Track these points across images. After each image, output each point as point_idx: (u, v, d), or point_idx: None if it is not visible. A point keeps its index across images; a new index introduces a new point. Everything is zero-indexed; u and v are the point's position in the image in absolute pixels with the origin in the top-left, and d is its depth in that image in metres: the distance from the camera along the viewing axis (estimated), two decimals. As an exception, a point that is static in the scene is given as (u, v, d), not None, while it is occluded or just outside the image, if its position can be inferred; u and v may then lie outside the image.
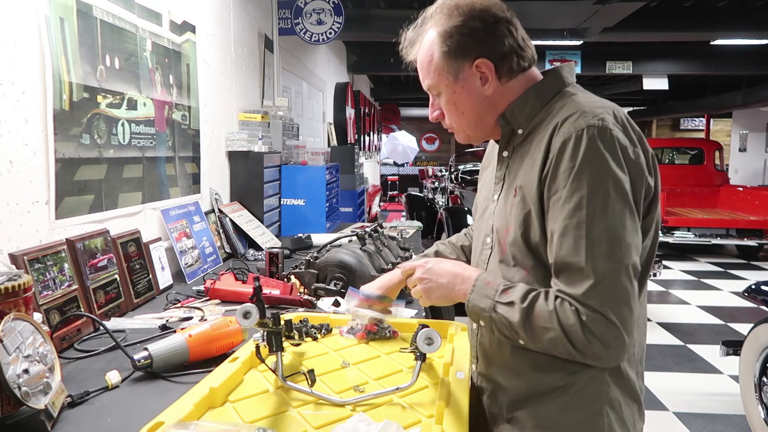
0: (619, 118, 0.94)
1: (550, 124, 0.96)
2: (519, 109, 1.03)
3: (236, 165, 2.93)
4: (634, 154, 0.91)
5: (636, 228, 0.89)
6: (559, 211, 0.90)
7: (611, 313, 0.84)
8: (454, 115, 1.06)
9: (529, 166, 0.98)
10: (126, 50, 1.89)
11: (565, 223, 0.88)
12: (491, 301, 0.95)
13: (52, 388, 1.01)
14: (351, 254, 1.87)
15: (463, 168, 8.11)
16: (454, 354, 1.17)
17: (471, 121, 1.06)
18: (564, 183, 0.90)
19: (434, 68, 1.04)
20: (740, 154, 12.92)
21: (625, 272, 0.86)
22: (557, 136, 0.92)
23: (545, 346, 0.91)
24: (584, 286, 0.85)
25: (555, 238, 0.90)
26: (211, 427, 0.82)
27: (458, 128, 1.09)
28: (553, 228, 0.90)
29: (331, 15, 3.86)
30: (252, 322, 1.00)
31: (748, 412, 2.77)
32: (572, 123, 0.91)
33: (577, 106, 0.95)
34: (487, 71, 1.01)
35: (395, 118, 14.41)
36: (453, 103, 1.05)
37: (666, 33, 6.03)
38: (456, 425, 0.90)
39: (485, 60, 1.00)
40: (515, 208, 0.99)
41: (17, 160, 1.43)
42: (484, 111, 1.05)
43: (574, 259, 0.87)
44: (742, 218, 7.08)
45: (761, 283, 2.99)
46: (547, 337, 0.89)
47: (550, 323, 0.88)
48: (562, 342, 0.87)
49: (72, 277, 1.49)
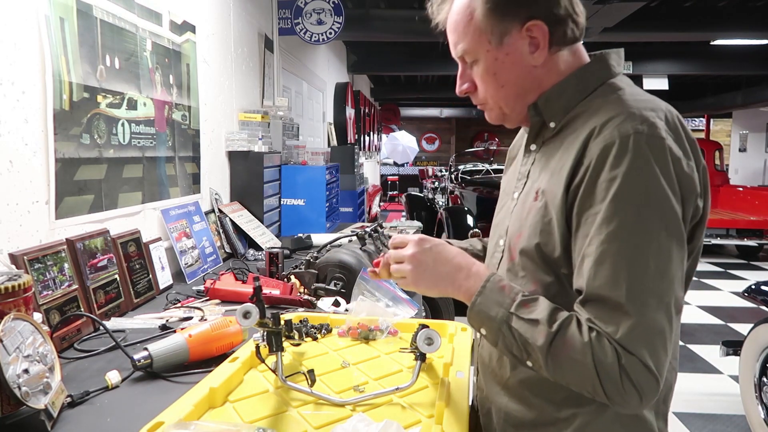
0: (672, 122, 0.81)
1: (588, 123, 0.83)
2: (555, 98, 0.89)
3: (236, 165, 2.93)
4: (688, 167, 0.78)
5: (682, 258, 0.77)
6: (595, 233, 0.76)
7: (649, 357, 0.73)
8: (492, 87, 0.90)
9: (555, 168, 0.85)
10: (126, 50, 1.89)
11: (602, 249, 0.75)
12: (505, 311, 0.82)
13: (52, 388, 1.01)
14: (351, 254, 1.87)
15: (463, 168, 8.12)
16: (454, 354, 1.17)
17: (511, 96, 0.91)
18: (602, 199, 0.76)
19: (474, 29, 0.87)
20: (740, 154, 12.92)
21: (666, 311, 0.75)
22: (596, 140, 0.79)
23: (565, 379, 0.78)
24: (623, 325, 0.73)
25: (588, 264, 0.77)
26: (211, 427, 0.82)
27: (493, 104, 0.93)
28: (587, 251, 0.77)
29: (331, 15, 3.86)
30: (252, 322, 1.00)
31: (748, 412, 2.77)
32: (616, 126, 0.78)
33: (623, 105, 0.81)
34: (539, 36, 0.85)
35: (395, 118, 14.41)
36: (492, 74, 0.89)
37: (666, 33, 6.03)
38: (456, 425, 0.90)
39: (539, 22, 0.85)
40: (533, 213, 0.87)
41: (17, 160, 1.43)
42: (528, 85, 0.89)
43: (611, 294, 0.74)
44: (742, 218, 7.08)
45: (761, 283, 2.99)
46: (574, 371, 0.76)
47: (582, 357, 0.75)
48: (590, 380, 0.75)
49: (72, 277, 1.49)
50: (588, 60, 0.90)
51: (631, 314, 0.73)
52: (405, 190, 11.16)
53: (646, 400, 0.74)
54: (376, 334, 1.30)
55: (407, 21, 5.45)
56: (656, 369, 0.73)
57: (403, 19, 5.47)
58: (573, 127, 0.86)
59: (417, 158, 16.45)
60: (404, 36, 5.79)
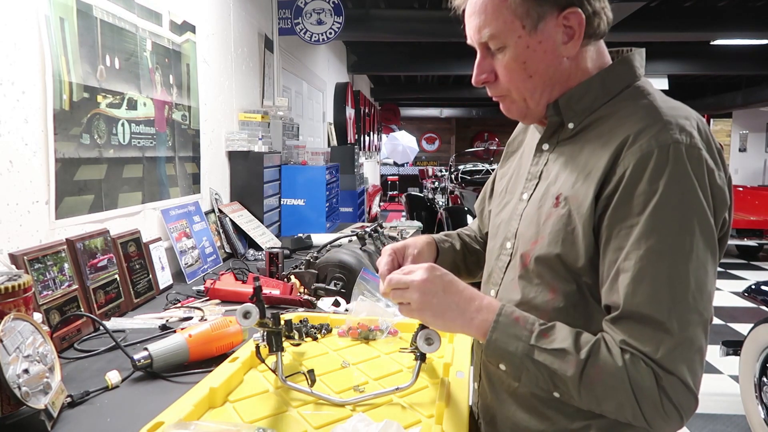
0: (704, 131, 0.78)
1: (619, 129, 0.79)
2: (577, 99, 0.85)
3: (236, 165, 2.93)
4: (720, 179, 0.76)
5: (715, 272, 0.75)
6: (632, 247, 0.73)
7: (689, 376, 0.71)
8: (519, 78, 0.85)
9: (580, 174, 0.81)
10: (126, 50, 1.89)
11: (641, 265, 0.72)
12: (524, 344, 0.77)
13: (52, 388, 1.01)
14: (351, 254, 1.87)
15: (463, 168, 8.12)
16: (454, 354, 1.17)
17: (538, 88, 0.85)
18: (640, 211, 0.73)
19: (507, 11, 0.81)
20: (740, 154, 12.92)
21: (704, 327, 0.73)
22: (632, 149, 0.75)
23: (601, 407, 0.75)
24: (664, 344, 0.71)
25: (626, 281, 0.73)
26: (211, 427, 0.82)
27: (517, 96, 0.87)
28: (623, 266, 0.74)
29: (331, 15, 3.86)
30: (252, 322, 1.00)
31: (748, 412, 2.77)
32: (654, 136, 0.74)
33: (657, 112, 0.77)
34: (575, 26, 0.81)
35: (395, 118, 14.40)
36: (522, 62, 0.83)
37: (666, 33, 6.03)
38: (456, 425, 0.90)
39: (577, 10, 0.80)
40: (554, 220, 0.83)
41: (17, 160, 1.43)
42: (556, 78, 0.85)
43: (652, 312, 0.71)
44: (742, 218, 7.07)
45: (761, 283, 2.99)
46: (611, 398, 0.73)
47: (619, 383, 0.71)
48: (629, 405, 0.72)
49: (72, 277, 1.49)
50: (609, 59, 0.88)
51: (673, 333, 0.71)
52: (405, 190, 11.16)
53: (686, 419, 0.73)
54: (376, 334, 1.30)
55: (407, 21, 5.45)
56: (694, 387, 0.72)
57: (403, 19, 5.47)
58: (598, 131, 0.82)
59: (417, 158, 16.45)
60: (404, 36, 5.79)
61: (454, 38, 5.74)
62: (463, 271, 1.15)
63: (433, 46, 7.81)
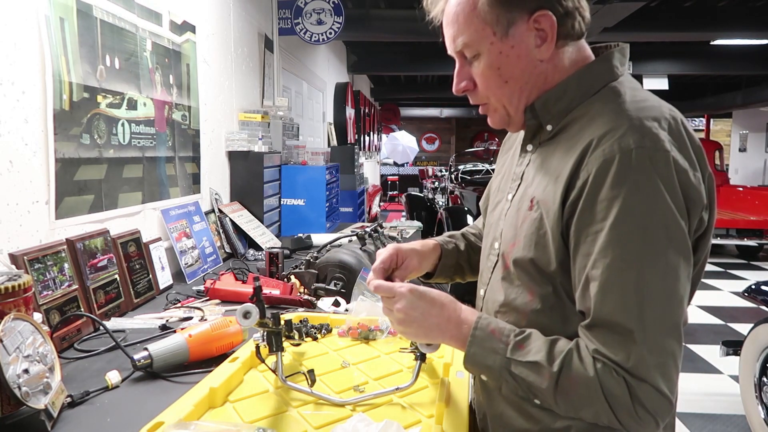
0: (676, 129, 0.76)
1: (584, 132, 0.79)
2: (553, 101, 0.84)
3: (236, 165, 2.93)
4: (695, 179, 0.74)
5: (689, 274, 0.75)
6: (599, 255, 0.73)
7: (662, 383, 0.71)
8: (495, 84, 0.85)
9: (550, 177, 0.81)
10: (126, 50, 1.89)
11: (608, 274, 0.72)
12: (501, 357, 0.78)
13: (52, 388, 1.01)
14: (351, 254, 1.87)
15: (463, 168, 8.12)
16: (454, 354, 1.17)
17: (515, 93, 0.85)
18: (603, 218, 0.72)
19: (477, 20, 0.82)
20: (740, 154, 12.92)
21: (675, 332, 0.72)
22: (594, 153, 0.75)
23: (579, 414, 0.76)
24: (634, 353, 0.71)
25: (594, 289, 0.73)
26: (211, 427, 0.82)
27: (496, 103, 0.88)
28: (591, 274, 0.74)
29: (331, 15, 3.86)
30: (252, 322, 1.00)
31: (748, 412, 2.77)
32: (617, 140, 0.73)
33: (623, 115, 0.76)
34: (547, 28, 0.81)
35: (395, 118, 14.40)
36: (496, 68, 0.83)
37: (666, 33, 6.03)
38: (456, 425, 0.90)
39: (547, 13, 0.80)
40: (528, 223, 0.83)
41: (17, 160, 1.43)
42: (532, 81, 0.84)
43: (621, 320, 0.71)
44: (742, 218, 7.07)
45: (761, 283, 2.99)
46: (586, 407, 0.74)
47: (594, 394, 0.72)
48: (604, 412, 0.73)
49: (72, 277, 1.49)
50: (592, 57, 0.87)
51: (642, 341, 0.71)
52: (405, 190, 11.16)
53: (662, 422, 0.74)
54: (376, 334, 1.30)
55: (407, 21, 5.44)
56: (669, 391, 0.72)
57: (403, 19, 5.47)
58: (569, 133, 0.82)
59: (417, 158, 16.45)
60: (404, 36, 5.79)
61: (454, 38, 5.75)
62: (468, 271, 1.15)
63: (433, 46, 7.79)
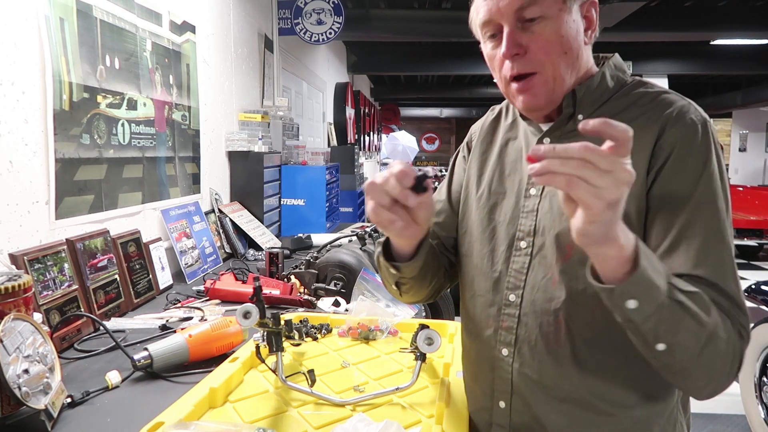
0: None
1: (652, 111, 0.80)
2: (591, 91, 0.85)
3: (236, 165, 2.93)
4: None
5: None
6: (693, 213, 0.74)
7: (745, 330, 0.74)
8: (555, 51, 0.81)
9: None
10: (126, 50, 1.89)
11: (705, 235, 0.73)
12: (665, 283, 0.67)
13: (52, 388, 1.01)
14: (351, 254, 1.87)
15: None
16: (454, 354, 1.17)
17: (569, 66, 0.82)
18: (694, 181, 0.75)
19: None
20: (740, 154, 12.92)
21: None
22: (674, 126, 0.78)
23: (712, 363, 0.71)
24: (737, 312, 0.73)
25: (689, 248, 0.73)
26: (211, 427, 0.82)
27: (550, 71, 0.82)
28: (688, 233, 0.73)
29: (331, 15, 3.86)
30: (252, 322, 1.00)
31: (748, 412, 2.77)
32: (693, 114, 0.79)
33: (679, 97, 0.82)
34: (592, 17, 0.84)
35: (395, 118, 14.40)
36: (561, 35, 0.80)
37: (666, 33, 6.03)
38: (456, 425, 0.91)
39: (596, 2, 0.84)
40: None
41: (17, 160, 1.43)
42: (578, 64, 0.84)
43: (720, 281, 0.73)
44: (742, 218, 7.07)
45: (761, 283, 2.99)
46: (721, 353, 0.71)
47: (725, 334, 0.71)
48: (729, 362, 0.72)
49: (72, 277, 1.49)
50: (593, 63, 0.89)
51: (738, 302, 0.74)
52: (405, 190, 11.12)
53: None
54: (376, 334, 1.30)
55: (407, 21, 5.44)
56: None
57: (403, 19, 5.46)
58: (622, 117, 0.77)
59: (417, 158, 16.44)
60: (404, 36, 5.78)
61: (454, 38, 5.74)
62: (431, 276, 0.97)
63: (433, 46, 7.81)
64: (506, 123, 0.99)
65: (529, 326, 0.84)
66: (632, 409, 0.81)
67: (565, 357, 0.81)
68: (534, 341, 0.84)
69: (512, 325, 0.86)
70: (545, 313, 0.83)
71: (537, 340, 0.83)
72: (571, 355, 0.81)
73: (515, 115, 0.96)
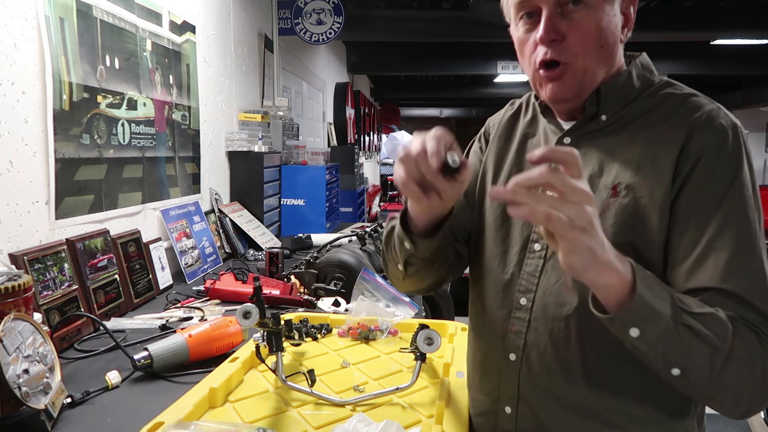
0: None
1: (679, 114, 0.78)
2: (616, 90, 0.82)
3: (236, 165, 2.93)
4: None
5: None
6: (722, 224, 0.71)
7: None
8: (592, 43, 0.78)
9: (641, 161, 0.77)
10: (126, 50, 1.89)
11: (735, 248, 0.70)
12: (669, 306, 0.66)
13: (52, 388, 1.01)
14: (351, 254, 1.87)
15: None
16: (454, 354, 1.17)
17: (602, 61, 0.80)
18: (724, 189, 0.72)
19: None
20: (740, 154, 12.92)
21: None
22: (703, 132, 0.75)
23: (733, 384, 0.67)
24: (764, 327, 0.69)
25: (718, 261, 0.70)
26: (211, 427, 0.82)
27: (582, 63, 0.79)
28: (715, 245, 0.71)
29: (331, 15, 3.86)
30: (252, 322, 1.00)
31: (748, 412, 2.77)
32: (722, 118, 0.76)
33: (708, 100, 0.79)
34: (630, 15, 0.82)
35: (395, 118, 14.39)
36: (600, 27, 0.78)
37: (666, 33, 6.02)
38: (456, 425, 0.91)
39: (636, 1, 0.83)
40: (616, 209, 0.76)
41: (17, 160, 1.43)
42: (612, 60, 0.82)
43: (749, 296, 0.69)
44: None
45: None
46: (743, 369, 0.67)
47: (756, 351, 0.67)
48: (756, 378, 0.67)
49: (72, 277, 1.49)
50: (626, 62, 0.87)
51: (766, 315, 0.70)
52: (405, 190, 11.12)
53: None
54: (376, 334, 1.30)
55: (407, 21, 5.44)
56: None
57: (403, 19, 5.46)
58: (645, 121, 0.79)
59: (417, 158, 16.41)
60: (404, 36, 5.78)
61: (454, 38, 5.74)
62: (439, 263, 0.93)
63: (433, 46, 7.81)
64: (526, 119, 0.95)
65: (539, 332, 0.81)
66: (644, 424, 0.79)
67: (575, 366, 0.79)
68: (543, 347, 0.81)
69: (522, 330, 0.83)
70: (556, 319, 0.80)
71: (546, 347, 0.81)
72: (581, 364, 0.78)
73: (535, 111, 0.93)
